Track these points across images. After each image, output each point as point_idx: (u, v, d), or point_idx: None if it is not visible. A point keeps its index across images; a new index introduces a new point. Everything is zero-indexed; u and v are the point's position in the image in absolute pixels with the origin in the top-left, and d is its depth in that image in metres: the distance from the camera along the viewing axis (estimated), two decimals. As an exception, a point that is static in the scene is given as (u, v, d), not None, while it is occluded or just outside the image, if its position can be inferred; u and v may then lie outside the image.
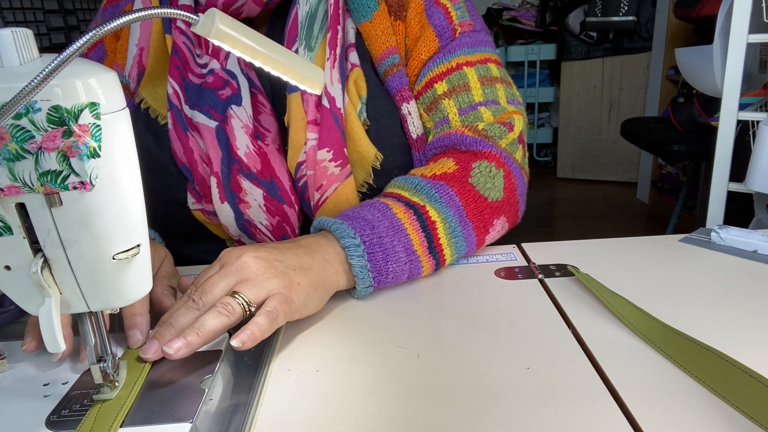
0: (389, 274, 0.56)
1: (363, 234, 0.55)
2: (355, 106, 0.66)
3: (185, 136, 0.66)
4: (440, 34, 0.69)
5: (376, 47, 0.68)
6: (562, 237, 0.77)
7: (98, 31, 0.31)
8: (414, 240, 0.57)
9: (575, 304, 0.54)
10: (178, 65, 0.67)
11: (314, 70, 0.48)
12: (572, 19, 3.23)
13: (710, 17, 1.92)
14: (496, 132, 0.65)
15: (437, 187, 0.61)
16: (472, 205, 0.61)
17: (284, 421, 0.40)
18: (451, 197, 0.60)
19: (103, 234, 0.35)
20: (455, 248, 0.60)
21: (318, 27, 0.66)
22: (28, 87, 0.29)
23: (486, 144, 0.64)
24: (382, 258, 0.55)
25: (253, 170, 0.65)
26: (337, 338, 0.50)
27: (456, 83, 0.68)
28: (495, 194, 0.63)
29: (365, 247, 0.55)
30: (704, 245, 0.66)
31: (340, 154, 0.64)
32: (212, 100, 0.65)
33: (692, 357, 0.43)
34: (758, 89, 1.25)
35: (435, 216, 0.58)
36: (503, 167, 0.64)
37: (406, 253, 0.57)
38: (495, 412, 0.39)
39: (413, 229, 0.57)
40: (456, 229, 0.59)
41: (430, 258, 0.59)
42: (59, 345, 0.36)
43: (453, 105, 0.68)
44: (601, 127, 3.37)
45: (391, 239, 0.56)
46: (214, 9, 0.39)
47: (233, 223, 0.66)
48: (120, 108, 0.35)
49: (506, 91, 0.70)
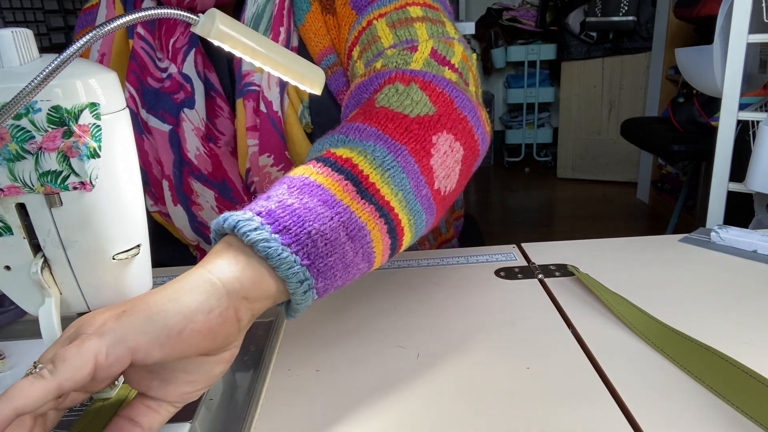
0: (317, 241, 0.36)
1: (252, 207, 0.37)
2: (296, 109, 0.64)
3: (140, 139, 0.66)
4: (355, 5, 0.62)
5: (312, 50, 0.65)
6: (562, 237, 0.77)
7: (98, 31, 0.31)
8: (331, 187, 0.39)
9: (575, 304, 0.54)
10: (135, 70, 0.67)
11: (314, 70, 0.48)
12: (572, 19, 3.23)
13: (710, 17, 1.92)
14: (399, 60, 0.53)
15: (337, 132, 0.45)
16: (390, 125, 0.44)
17: (284, 421, 0.40)
18: (360, 129, 0.44)
19: (103, 234, 0.36)
20: (394, 183, 0.41)
21: (263, 28, 0.65)
22: (28, 87, 0.29)
23: (384, 74, 0.52)
24: (295, 221, 0.36)
25: (204, 172, 0.65)
26: (337, 338, 0.50)
27: (366, 41, 0.59)
28: (419, 109, 0.47)
29: (264, 218, 0.36)
30: (704, 245, 0.66)
31: (281, 158, 0.64)
32: (167, 104, 0.65)
33: (692, 357, 0.43)
34: (758, 89, 1.25)
35: (347, 153, 0.41)
36: (413, 80, 0.49)
37: (327, 206, 0.37)
38: (495, 412, 0.39)
39: (325, 176, 0.39)
40: (385, 158, 0.41)
41: (365, 204, 0.39)
42: (59, 345, 0.36)
43: (362, 64, 0.58)
44: (601, 127, 3.37)
45: (298, 197, 0.37)
46: (215, 10, 0.39)
47: (187, 226, 0.66)
48: (120, 108, 0.35)
49: (431, 28, 0.57)
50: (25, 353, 0.50)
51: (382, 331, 0.51)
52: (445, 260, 0.65)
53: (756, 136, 0.88)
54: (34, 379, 0.29)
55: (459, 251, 0.68)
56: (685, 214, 2.41)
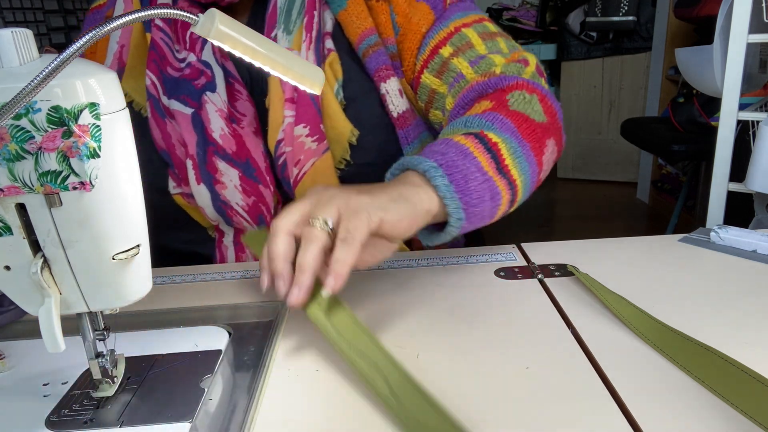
0: (472, 194, 0.53)
1: (437, 159, 0.53)
2: (332, 87, 0.69)
3: (163, 123, 0.69)
4: (434, 6, 0.72)
5: (353, 31, 0.71)
6: (562, 237, 0.77)
7: (98, 31, 0.31)
8: (483, 161, 0.55)
9: (575, 304, 0.54)
10: (156, 59, 0.70)
11: (314, 70, 0.48)
12: (572, 19, 3.23)
13: (710, 17, 1.92)
14: (514, 70, 0.66)
15: (486, 116, 0.60)
16: (524, 125, 0.60)
17: (284, 421, 0.40)
18: (503, 121, 0.59)
19: (103, 234, 0.36)
20: (520, 169, 0.58)
21: (296, 13, 0.70)
22: (28, 87, 0.29)
23: (509, 78, 0.65)
24: (462, 178, 0.52)
25: (229, 151, 0.67)
26: (337, 338, 0.50)
27: (459, 44, 0.70)
28: (538, 117, 0.62)
29: (444, 169, 0.52)
30: (704, 245, 0.66)
31: (316, 130, 0.67)
32: (188, 89, 0.68)
33: (692, 357, 0.43)
34: (758, 89, 1.25)
35: (495, 138, 0.57)
36: (536, 92, 0.64)
37: (481, 173, 0.54)
38: (495, 412, 0.39)
39: (479, 152, 0.56)
40: (516, 149, 0.58)
41: (502, 178, 0.56)
42: (59, 345, 0.36)
43: (463, 60, 0.69)
44: (601, 127, 3.37)
45: (463, 161, 0.54)
46: (214, 9, 0.39)
47: (209, 204, 0.68)
48: (120, 108, 0.35)
49: (507, 43, 0.72)
50: (25, 353, 0.50)
51: (382, 331, 0.51)
52: (445, 260, 0.65)
53: (756, 136, 0.88)
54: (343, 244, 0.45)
55: (459, 251, 0.68)
56: (685, 214, 2.41)
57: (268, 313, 0.56)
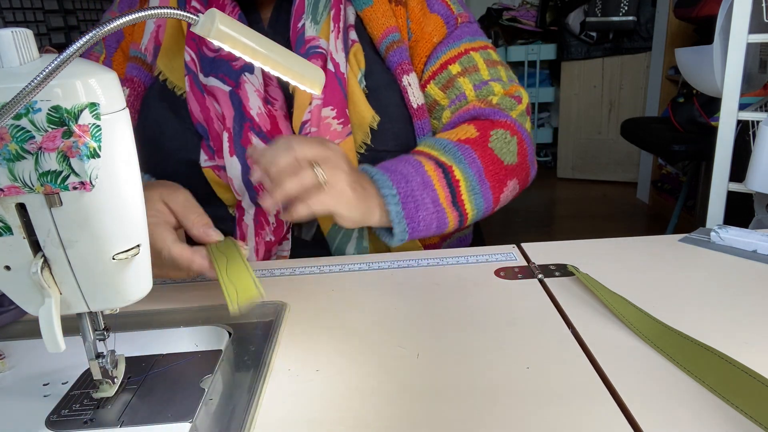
0: (420, 222, 0.64)
1: (399, 186, 0.63)
2: (356, 75, 0.73)
3: (202, 97, 0.72)
4: (447, 21, 0.78)
5: (377, 28, 0.75)
6: (562, 237, 0.77)
7: (98, 31, 0.31)
8: (440, 195, 0.66)
9: (575, 304, 0.54)
10: (195, 38, 0.73)
11: (314, 70, 0.48)
12: (572, 19, 3.23)
13: (710, 17, 1.92)
14: (508, 104, 0.75)
15: (463, 149, 0.69)
16: (491, 167, 0.69)
17: (284, 421, 0.40)
18: (474, 159, 0.68)
19: (103, 234, 0.36)
20: (474, 204, 0.68)
21: (323, 5, 0.74)
22: (28, 87, 0.29)
23: (501, 114, 0.73)
24: (414, 208, 0.63)
25: (264, 129, 0.71)
26: (337, 338, 0.50)
27: (467, 65, 0.77)
28: (510, 158, 0.71)
29: (400, 197, 0.62)
30: (704, 245, 0.66)
31: (342, 113, 0.71)
32: (226, 68, 0.71)
33: (692, 357, 0.43)
34: (758, 89, 1.25)
35: (459, 175, 0.67)
36: (517, 135, 0.73)
37: (434, 205, 0.65)
38: (495, 412, 0.39)
39: (440, 186, 0.66)
40: (476, 188, 0.68)
41: (454, 210, 0.67)
42: (59, 345, 0.36)
43: (468, 82, 0.76)
44: (601, 127, 3.37)
45: (422, 192, 0.64)
46: (214, 9, 0.39)
47: (239, 176, 0.71)
48: (120, 108, 0.35)
49: (506, 72, 0.80)
50: (25, 353, 0.50)
51: (382, 331, 0.51)
52: (445, 260, 0.65)
53: (756, 136, 0.88)
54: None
55: (459, 251, 0.68)
56: (685, 214, 2.41)
57: (268, 313, 0.56)
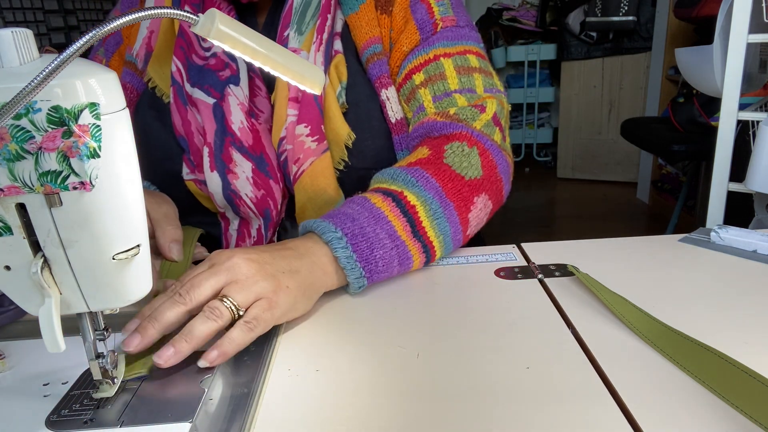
0: (378, 262, 0.56)
1: (344, 227, 0.55)
2: (335, 89, 0.70)
3: (184, 110, 0.71)
4: (421, 27, 0.72)
5: (360, 36, 0.73)
6: (562, 237, 0.77)
7: (98, 31, 0.31)
8: (396, 226, 0.57)
9: (575, 304, 0.54)
10: (183, 46, 0.72)
11: (314, 71, 0.48)
12: (572, 19, 3.23)
13: (710, 17, 1.92)
14: (468, 114, 0.67)
15: (413, 172, 0.61)
16: (449, 184, 0.61)
17: (284, 421, 0.40)
18: (428, 179, 0.61)
19: (103, 234, 0.35)
20: (439, 229, 0.60)
21: (310, 14, 0.72)
22: (28, 87, 0.29)
23: (456, 126, 0.66)
24: (367, 247, 0.55)
25: (245, 144, 0.69)
26: (337, 338, 0.50)
27: (432, 73, 0.71)
28: (472, 172, 0.63)
29: (348, 239, 0.55)
30: (704, 245, 0.66)
31: (317, 130, 0.68)
32: (212, 79, 0.70)
33: (692, 357, 0.43)
34: (758, 89, 1.25)
35: (414, 200, 0.59)
36: (476, 145, 0.65)
37: (391, 239, 0.57)
38: (495, 412, 0.39)
39: (394, 216, 0.58)
40: (437, 211, 0.60)
41: (416, 242, 0.59)
42: (59, 345, 0.36)
43: (428, 93, 0.70)
44: (601, 127, 3.37)
45: (374, 228, 0.56)
46: (214, 9, 0.39)
47: (219, 192, 0.70)
48: (120, 108, 0.35)
49: (485, 80, 0.72)
50: (25, 353, 0.50)
51: (382, 331, 0.51)
52: (445, 260, 0.65)
53: (756, 136, 0.88)
54: (207, 319, 0.46)
55: (459, 251, 0.68)
56: (685, 214, 2.41)
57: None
